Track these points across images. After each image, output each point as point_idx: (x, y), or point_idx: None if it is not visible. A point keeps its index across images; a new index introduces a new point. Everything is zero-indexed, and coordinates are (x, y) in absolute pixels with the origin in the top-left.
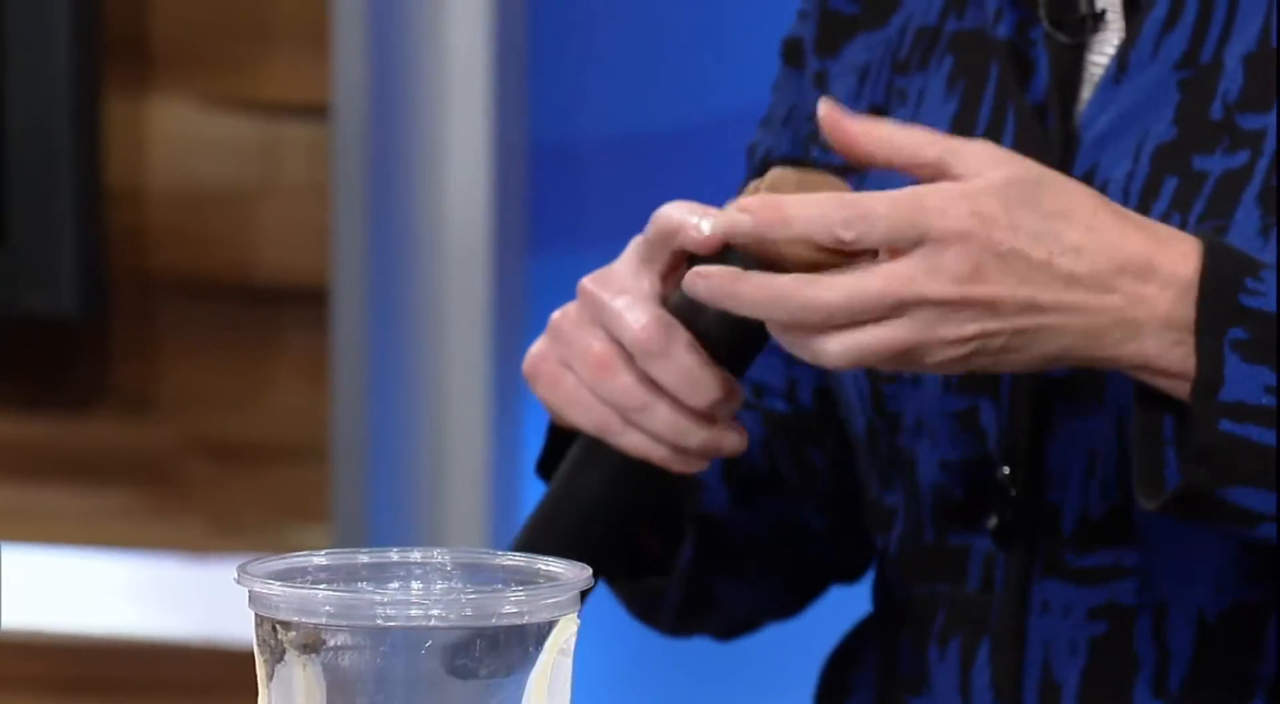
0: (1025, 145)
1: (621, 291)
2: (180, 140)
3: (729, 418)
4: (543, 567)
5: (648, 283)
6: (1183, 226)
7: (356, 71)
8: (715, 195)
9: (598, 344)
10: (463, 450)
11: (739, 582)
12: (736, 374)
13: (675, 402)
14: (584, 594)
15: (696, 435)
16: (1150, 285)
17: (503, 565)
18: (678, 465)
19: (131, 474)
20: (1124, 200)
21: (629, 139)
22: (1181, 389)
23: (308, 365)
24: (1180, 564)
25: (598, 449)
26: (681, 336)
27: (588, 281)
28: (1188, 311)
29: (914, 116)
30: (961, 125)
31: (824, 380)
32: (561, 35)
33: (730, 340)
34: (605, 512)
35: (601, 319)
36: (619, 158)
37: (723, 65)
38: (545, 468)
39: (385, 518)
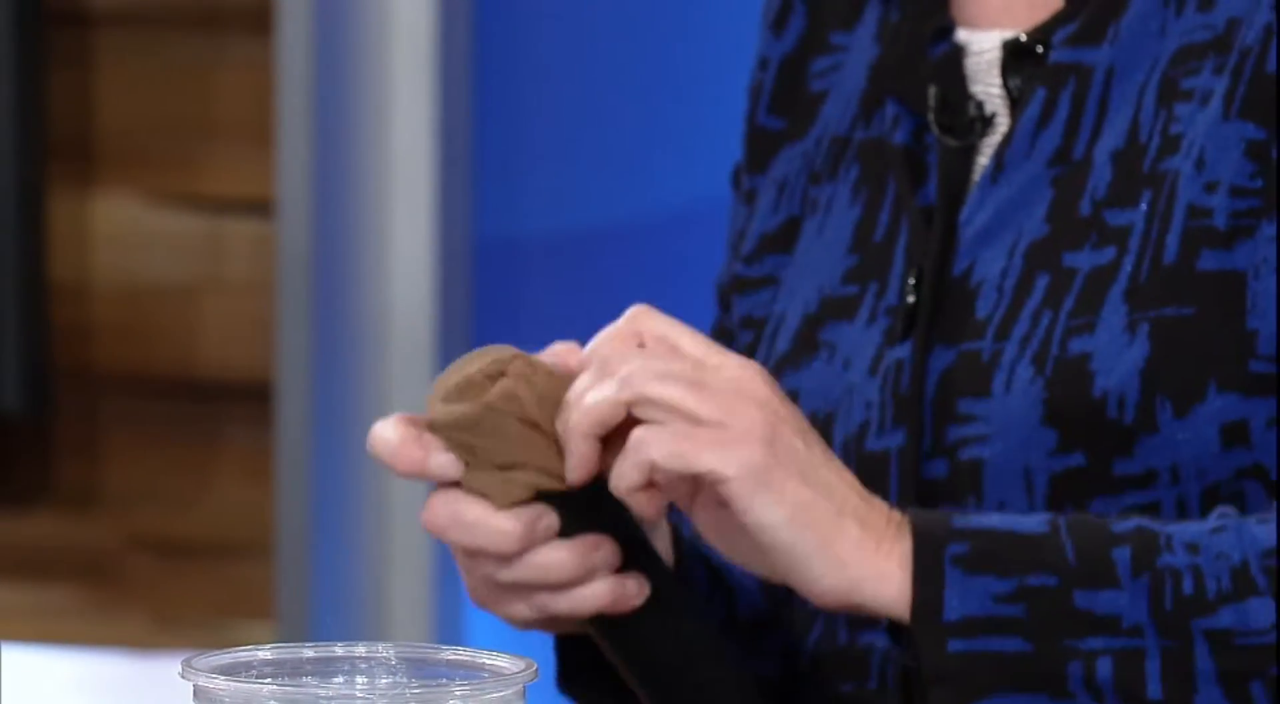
0: (914, 248)
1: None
2: (124, 237)
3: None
4: (487, 661)
5: None
6: (1053, 323)
7: (300, 168)
8: (658, 290)
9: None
10: (406, 545)
11: None
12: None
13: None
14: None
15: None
16: (875, 514)
17: (447, 660)
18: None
19: (74, 571)
20: (998, 298)
21: (572, 236)
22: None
23: (251, 461)
24: None
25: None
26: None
27: None
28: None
29: (823, 224)
30: (864, 231)
31: None
32: (505, 132)
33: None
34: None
35: None
36: (562, 255)
37: (665, 163)
38: (567, 679)
39: (329, 614)
